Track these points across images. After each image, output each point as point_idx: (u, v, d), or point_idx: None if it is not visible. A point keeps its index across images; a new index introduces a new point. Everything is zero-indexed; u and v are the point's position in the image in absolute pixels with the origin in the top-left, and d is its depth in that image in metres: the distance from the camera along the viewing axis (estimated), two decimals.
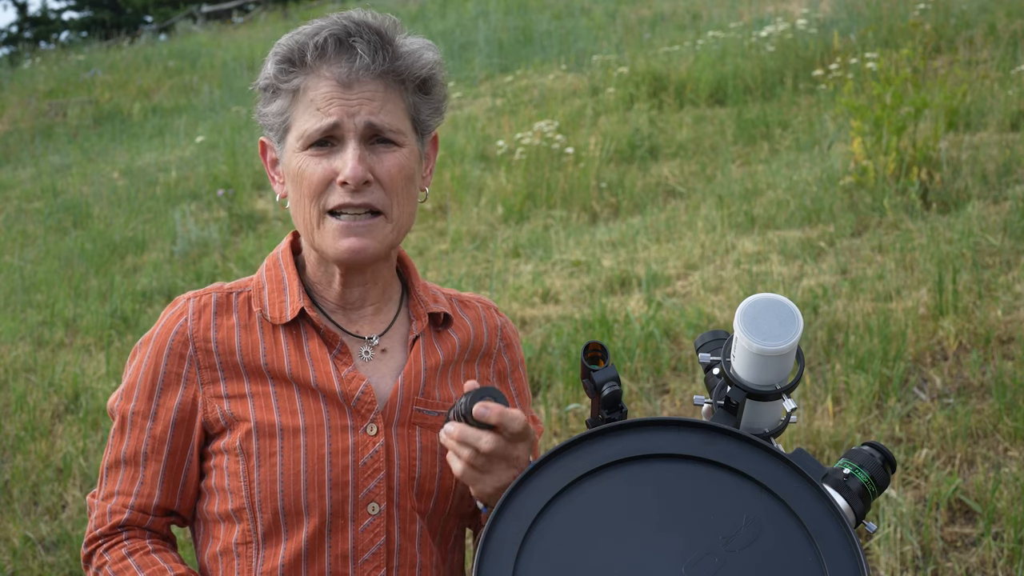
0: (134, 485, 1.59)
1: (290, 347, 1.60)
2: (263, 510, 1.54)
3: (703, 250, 5.76)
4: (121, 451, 1.60)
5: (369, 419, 1.58)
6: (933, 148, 5.99)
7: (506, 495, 1.26)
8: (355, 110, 1.53)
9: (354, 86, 1.53)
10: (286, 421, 1.55)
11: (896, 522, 3.37)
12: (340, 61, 1.53)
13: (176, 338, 1.59)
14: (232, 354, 1.59)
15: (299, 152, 1.56)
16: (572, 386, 4.37)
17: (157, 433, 1.58)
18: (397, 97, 1.56)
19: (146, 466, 1.59)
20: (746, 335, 1.32)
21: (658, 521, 1.25)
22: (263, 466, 1.54)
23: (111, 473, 1.61)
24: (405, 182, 1.57)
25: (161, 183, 9.44)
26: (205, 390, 1.58)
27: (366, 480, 1.56)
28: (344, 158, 1.53)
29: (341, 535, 1.55)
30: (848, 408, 3.96)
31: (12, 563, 3.85)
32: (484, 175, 7.80)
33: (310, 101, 1.54)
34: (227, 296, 1.63)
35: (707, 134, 8.04)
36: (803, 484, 1.27)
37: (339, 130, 1.53)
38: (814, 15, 9.87)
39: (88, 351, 5.79)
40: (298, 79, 1.55)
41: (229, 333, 1.60)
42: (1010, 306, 4.45)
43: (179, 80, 15.23)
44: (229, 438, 1.57)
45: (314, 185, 1.54)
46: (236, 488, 1.55)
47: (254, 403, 1.57)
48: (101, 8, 28.76)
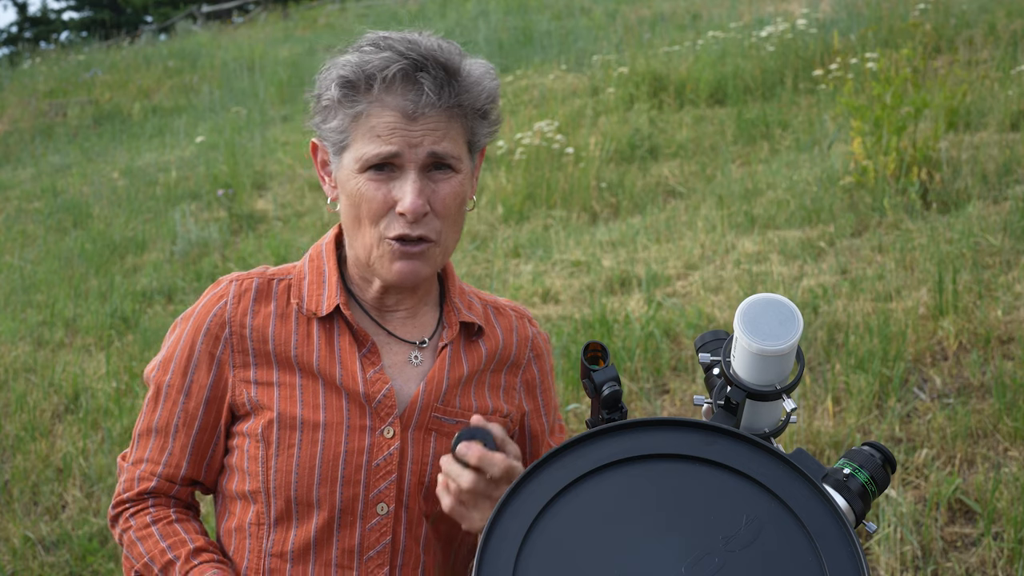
0: (163, 455, 1.65)
1: (321, 341, 1.63)
2: (277, 496, 1.59)
3: (703, 250, 5.76)
4: (154, 420, 1.65)
5: (387, 422, 1.61)
6: (933, 148, 6.00)
7: (506, 495, 1.26)
8: (417, 141, 1.53)
9: (418, 119, 1.53)
10: (307, 415, 1.59)
11: (896, 522, 3.37)
12: (407, 95, 1.53)
13: (214, 320, 1.63)
14: (265, 342, 1.62)
15: (357, 174, 1.56)
16: (572, 386, 4.37)
17: (190, 408, 1.63)
18: (459, 126, 1.58)
19: (175, 438, 1.64)
20: (746, 335, 1.32)
21: (658, 521, 1.25)
22: (281, 455, 1.58)
23: (142, 439, 1.66)
24: (458, 208, 1.60)
25: (161, 183, 9.44)
26: (236, 373, 1.62)
27: (377, 481, 1.60)
28: (404, 189, 1.55)
29: (349, 530, 1.59)
30: (848, 408, 3.96)
31: (12, 563, 3.85)
32: (484, 175, 7.81)
33: (371, 128, 1.54)
34: (268, 282, 1.66)
35: (707, 134, 8.04)
36: (803, 484, 1.27)
37: (399, 159, 1.54)
38: (814, 15, 9.88)
39: (88, 351, 5.79)
40: (361, 106, 1.55)
41: (265, 321, 1.63)
42: (1010, 306, 4.45)
43: (179, 80, 15.24)
44: (252, 423, 1.61)
45: (374, 211, 1.56)
46: (254, 471, 1.60)
47: (279, 393, 1.61)
48: (101, 8, 28.77)
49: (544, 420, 1.79)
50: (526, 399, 1.76)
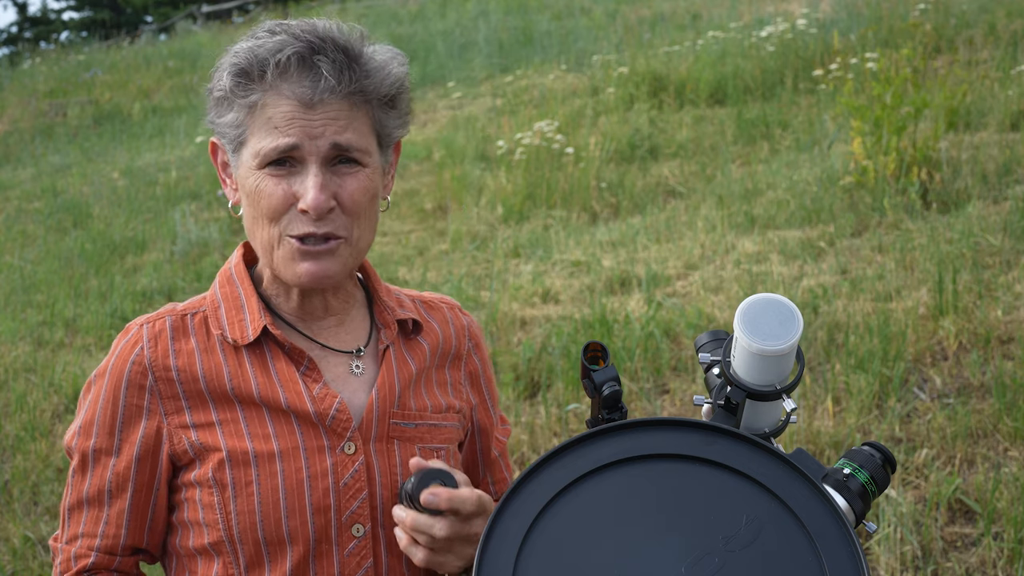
0: (98, 526, 1.51)
1: (256, 368, 1.51)
2: (244, 542, 1.46)
3: (703, 250, 5.76)
4: (83, 491, 1.51)
5: (346, 437, 1.50)
6: (933, 148, 6.00)
7: (506, 495, 1.26)
8: (318, 132, 1.42)
9: (317, 107, 1.42)
10: (259, 447, 1.47)
11: (896, 522, 3.37)
12: (303, 81, 1.42)
13: (134, 368, 1.49)
14: (195, 381, 1.49)
15: (255, 170, 1.45)
16: (572, 386, 4.37)
17: (120, 469, 1.50)
18: (363, 115, 1.46)
19: (111, 505, 1.51)
20: (746, 335, 1.32)
21: (658, 521, 1.25)
22: (240, 496, 1.46)
23: (73, 515, 1.53)
24: (368, 204, 1.49)
25: (161, 183, 9.44)
26: (169, 420, 1.49)
27: (348, 501, 1.49)
28: (305, 184, 1.43)
29: (327, 560, 1.49)
30: (848, 408, 3.96)
31: (12, 563, 3.85)
32: (484, 175, 7.81)
33: (267, 119, 1.43)
34: (182, 319, 1.53)
35: (707, 134, 8.04)
36: (803, 484, 1.27)
37: (299, 152, 1.43)
38: (814, 15, 9.88)
39: (88, 351, 5.79)
40: (256, 95, 1.43)
41: (190, 359, 1.50)
42: (1010, 306, 4.45)
43: (179, 80, 15.24)
44: (200, 470, 1.48)
45: (273, 208, 1.45)
46: (212, 521, 1.47)
47: (223, 431, 1.48)
48: (101, 8, 28.78)
49: (492, 413, 1.72)
50: (472, 392, 1.69)
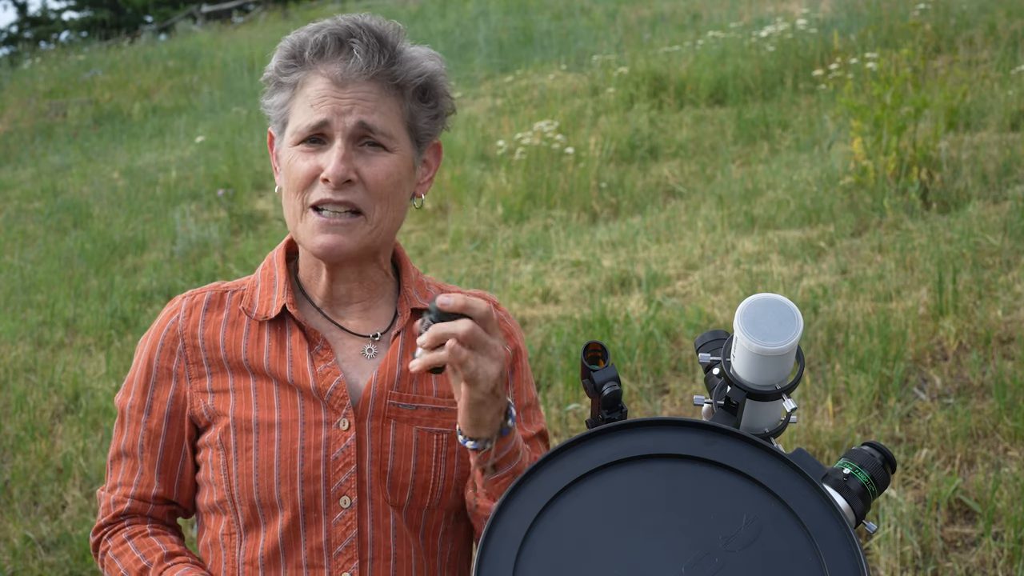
0: (134, 475, 1.67)
1: (272, 343, 1.63)
2: (241, 503, 1.59)
3: (703, 250, 5.76)
4: (121, 444, 1.68)
5: (342, 414, 1.60)
6: (933, 148, 6.00)
7: (506, 495, 1.26)
8: (346, 109, 1.55)
9: (348, 86, 1.55)
10: (263, 416, 1.59)
11: (896, 522, 3.37)
12: (336, 60, 1.56)
13: (168, 335, 1.65)
14: (217, 350, 1.63)
15: (291, 147, 1.59)
16: (572, 386, 4.37)
17: (152, 426, 1.65)
18: (393, 102, 1.58)
19: (143, 458, 1.66)
20: (746, 335, 1.32)
21: (658, 521, 1.25)
22: (240, 460, 1.58)
23: (114, 465, 1.69)
24: (392, 187, 1.58)
25: (161, 183, 9.44)
26: (192, 385, 1.63)
27: (337, 474, 1.58)
28: (330, 157, 1.55)
29: (315, 528, 1.59)
30: (848, 408, 3.96)
31: (12, 563, 3.86)
32: (484, 175, 7.81)
33: (305, 97, 1.57)
34: (221, 295, 1.68)
35: (707, 134, 8.04)
36: (803, 484, 1.27)
37: (328, 128, 1.56)
38: (814, 15, 9.88)
39: (88, 351, 5.79)
40: (297, 74, 1.58)
41: (215, 329, 1.64)
42: (1010, 306, 4.45)
43: (179, 80, 15.24)
44: (212, 433, 1.62)
45: (300, 180, 1.57)
46: (219, 481, 1.61)
47: (235, 398, 1.61)
48: (101, 8, 28.77)
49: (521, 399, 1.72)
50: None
